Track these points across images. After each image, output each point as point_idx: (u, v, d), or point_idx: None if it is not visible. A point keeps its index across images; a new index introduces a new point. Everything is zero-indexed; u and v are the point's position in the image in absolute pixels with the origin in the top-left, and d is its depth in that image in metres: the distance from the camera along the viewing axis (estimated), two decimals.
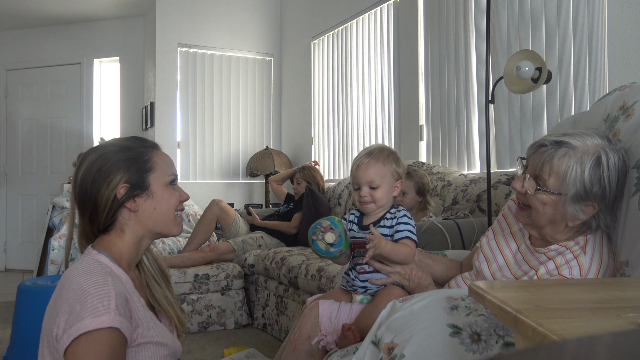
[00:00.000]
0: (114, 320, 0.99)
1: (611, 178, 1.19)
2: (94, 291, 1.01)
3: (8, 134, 5.89)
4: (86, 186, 1.16)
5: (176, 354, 1.20)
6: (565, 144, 1.21)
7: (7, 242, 5.89)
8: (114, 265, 1.13)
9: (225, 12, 5.19)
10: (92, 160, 1.17)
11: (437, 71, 3.37)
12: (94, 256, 1.13)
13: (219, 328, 3.28)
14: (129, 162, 1.18)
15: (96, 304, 0.99)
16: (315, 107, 4.86)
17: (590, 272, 1.22)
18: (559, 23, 2.53)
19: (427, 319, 1.04)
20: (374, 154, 1.49)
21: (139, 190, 1.18)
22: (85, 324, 0.97)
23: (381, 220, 1.50)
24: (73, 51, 5.72)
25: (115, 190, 1.15)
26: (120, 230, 1.18)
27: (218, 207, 3.70)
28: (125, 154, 1.19)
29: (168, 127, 4.96)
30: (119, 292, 1.04)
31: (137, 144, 1.23)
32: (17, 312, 2.53)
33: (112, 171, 1.16)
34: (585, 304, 0.76)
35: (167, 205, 1.22)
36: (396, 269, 1.45)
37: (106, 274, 1.06)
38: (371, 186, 1.47)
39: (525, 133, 2.71)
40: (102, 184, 1.15)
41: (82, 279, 1.04)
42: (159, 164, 1.22)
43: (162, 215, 1.21)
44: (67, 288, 1.04)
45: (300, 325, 1.50)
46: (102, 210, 1.16)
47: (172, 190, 1.24)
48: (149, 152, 1.22)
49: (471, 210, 2.64)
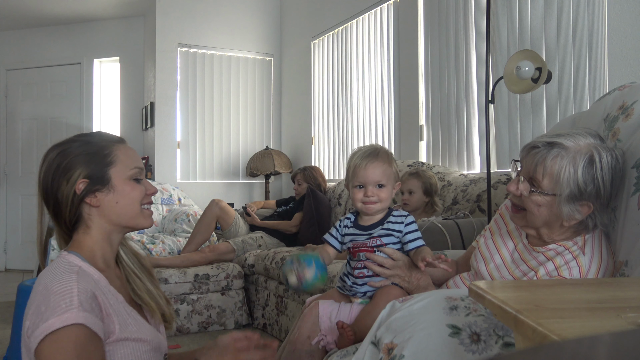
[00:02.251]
0: (78, 316, 0.98)
1: (605, 177, 1.20)
2: (57, 289, 1.01)
3: (8, 134, 5.89)
4: (47, 183, 1.16)
5: (160, 348, 1.19)
6: (557, 145, 1.21)
7: (7, 242, 5.89)
8: (84, 264, 1.12)
9: (225, 12, 5.18)
10: (52, 157, 1.17)
11: (437, 71, 3.37)
12: (64, 257, 1.14)
13: (219, 328, 3.28)
14: (88, 157, 1.17)
15: (59, 302, 0.99)
16: (315, 107, 4.86)
17: (589, 272, 1.22)
18: (559, 23, 2.52)
19: (427, 319, 1.04)
20: (380, 155, 1.48)
21: (99, 185, 1.17)
22: (50, 324, 0.97)
23: (383, 222, 1.49)
24: (73, 51, 5.72)
25: (74, 185, 1.15)
26: (87, 226, 1.18)
27: (218, 207, 3.70)
28: (84, 149, 1.18)
29: (168, 127, 4.96)
30: (84, 288, 1.03)
31: (97, 139, 1.22)
32: (17, 312, 2.53)
33: (71, 166, 1.16)
34: (585, 304, 0.76)
35: (129, 199, 1.20)
36: (396, 272, 1.45)
37: (71, 272, 1.06)
38: (378, 185, 1.47)
39: (525, 133, 2.71)
40: (62, 180, 1.15)
41: (49, 279, 1.05)
42: (120, 158, 1.21)
43: (126, 209, 1.20)
44: (35, 290, 1.05)
45: (300, 325, 1.50)
46: (64, 207, 1.16)
47: (135, 184, 1.22)
48: (110, 147, 1.21)
49: (471, 210, 2.64)
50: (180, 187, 4.81)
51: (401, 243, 1.47)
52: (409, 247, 1.45)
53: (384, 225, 1.48)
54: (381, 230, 1.47)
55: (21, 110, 5.87)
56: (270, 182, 5.13)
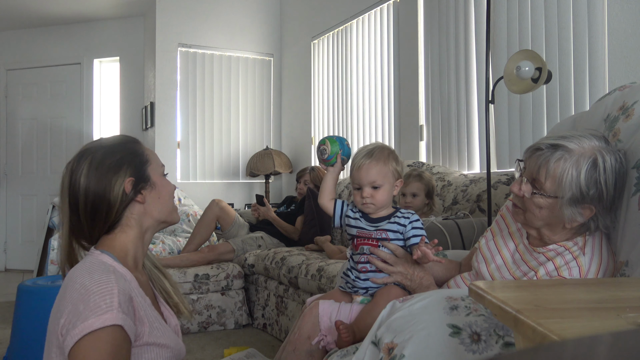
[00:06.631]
0: (117, 317, 0.99)
1: (608, 180, 1.19)
2: (96, 289, 1.01)
3: (8, 134, 5.89)
4: (92, 191, 1.15)
5: (180, 356, 1.20)
6: (561, 147, 1.21)
7: (7, 242, 5.89)
8: (118, 265, 1.13)
9: (225, 12, 5.19)
10: (87, 165, 1.17)
11: (437, 71, 3.37)
12: (97, 256, 1.14)
13: (219, 328, 3.28)
14: (128, 158, 1.20)
15: (99, 302, 0.99)
16: (315, 107, 4.86)
17: (589, 272, 1.22)
18: (559, 23, 2.53)
19: (427, 319, 1.04)
20: (374, 154, 1.48)
21: (142, 183, 1.21)
22: (89, 324, 0.97)
23: (391, 217, 1.49)
24: (73, 51, 5.72)
25: (122, 186, 1.17)
26: (126, 226, 1.19)
27: (218, 207, 3.69)
28: (121, 151, 1.21)
29: (168, 127, 4.96)
30: (122, 289, 1.04)
31: (126, 140, 1.26)
32: (17, 312, 2.53)
33: (114, 169, 1.17)
34: (585, 304, 0.76)
35: (168, 193, 1.26)
36: (399, 269, 1.45)
37: (109, 272, 1.06)
38: (373, 186, 1.47)
39: (525, 133, 2.71)
40: (109, 184, 1.16)
41: (86, 278, 1.04)
42: (150, 157, 1.26)
43: (166, 203, 1.25)
44: (71, 288, 1.04)
45: (300, 325, 1.50)
46: (114, 209, 1.17)
47: (167, 179, 1.29)
48: (139, 146, 1.26)
49: (471, 210, 2.64)
50: (180, 187, 4.81)
51: (404, 240, 1.48)
52: (410, 243, 1.45)
53: (390, 220, 1.49)
54: (388, 224, 1.48)
55: (21, 110, 5.87)
56: (270, 182, 5.13)
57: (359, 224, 1.52)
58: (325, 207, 1.58)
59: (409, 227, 1.47)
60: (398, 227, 1.47)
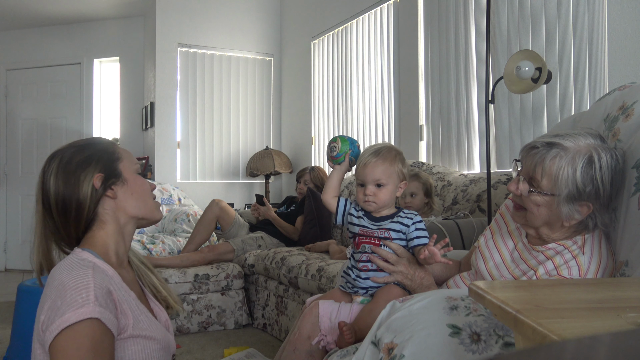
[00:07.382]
0: (94, 311, 1.00)
1: (604, 177, 1.20)
2: (73, 284, 1.02)
3: (8, 134, 5.89)
4: (61, 190, 1.17)
5: (169, 348, 1.21)
6: (556, 145, 1.22)
7: (7, 242, 5.89)
8: (98, 260, 1.14)
9: (225, 12, 5.19)
10: (56, 165, 1.18)
11: (437, 71, 3.37)
12: (78, 254, 1.15)
13: (219, 328, 3.28)
14: (97, 155, 1.21)
15: (75, 297, 1.00)
16: (315, 107, 4.86)
17: (589, 272, 1.22)
18: (559, 23, 2.53)
19: (427, 319, 1.04)
20: (382, 153, 1.48)
21: (113, 179, 1.21)
22: (66, 318, 0.98)
23: (394, 216, 1.49)
24: (73, 51, 5.72)
25: (91, 182, 1.18)
26: (102, 222, 1.20)
27: (218, 207, 3.69)
28: (90, 150, 1.22)
29: (168, 127, 4.96)
30: (99, 283, 1.05)
31: (98, 140, 1.27)
32: (17, 312, 2.53)
33: (83, 166, 1.18)
34: (585, 304, 0.76)
35: (143, 190, 1.26)
36: (400, 269, 1.45)
37: (87, 268, 1.07)
38: (377, 184, 1.47)
39: (525, 133, 2.71)
40: (77, 182, 1.17)
41: (64, 275, 1.06)
42: (123, 154, 1.27)
43: (141, 199, 1.25)
44: (50, 285, 1.06)
45: (300, 325, 1.50)
46: (85, 206, 1.17)
47: (142, 178, 1.29)
48: (111, 145, 1.27)
49: (471, 210, 2.64)
50: (180, 187, 4.81)
51: (406, 240, 1.48)
52: (413, 244, 1.45)
53: (394, 219, 1.49)
54: (391, 223, 1.48)
55: (21, 110, 5.87)
56: (270, 182, 5.13)
57: (362, 222, 1.52)
58: (328, 203, 1.58)
59: (412, 227, 1.47)
60: (401, 227, 1.47)
